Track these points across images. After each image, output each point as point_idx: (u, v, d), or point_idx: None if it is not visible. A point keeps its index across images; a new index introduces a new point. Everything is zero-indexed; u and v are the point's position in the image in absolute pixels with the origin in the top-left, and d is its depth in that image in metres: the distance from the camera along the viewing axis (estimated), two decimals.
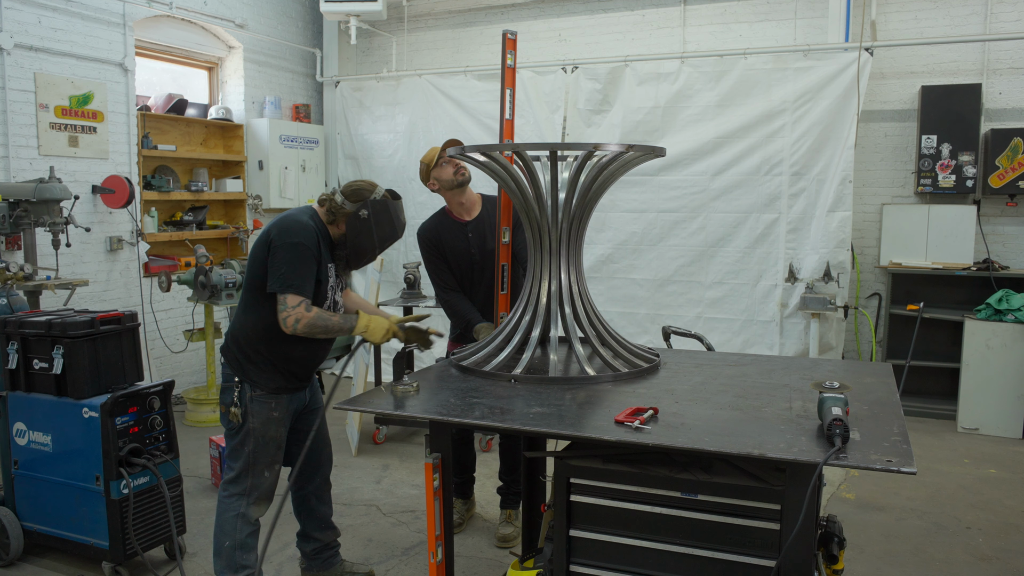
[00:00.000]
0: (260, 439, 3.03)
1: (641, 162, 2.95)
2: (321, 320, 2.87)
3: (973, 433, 5.62)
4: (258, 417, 3.01)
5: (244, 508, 3.05)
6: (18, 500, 3.59)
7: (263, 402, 3.02)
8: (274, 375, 3.02)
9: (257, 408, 3.01)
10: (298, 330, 2.85)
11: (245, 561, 3.05)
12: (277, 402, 3.04)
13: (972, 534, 3.95)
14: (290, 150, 7.38)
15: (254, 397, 3.01)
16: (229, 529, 3.04)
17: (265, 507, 3.11)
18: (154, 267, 6.21)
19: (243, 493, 3.05)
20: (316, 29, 8.02)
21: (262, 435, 3.03)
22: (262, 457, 3.04)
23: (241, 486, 3.05)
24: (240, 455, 3.03)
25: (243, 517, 3.05)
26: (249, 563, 3.06)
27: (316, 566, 3.39)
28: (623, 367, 2.81)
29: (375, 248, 3.07)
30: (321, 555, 3.39)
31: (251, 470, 3.04)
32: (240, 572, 3.05)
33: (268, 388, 3.02)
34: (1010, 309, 5.51)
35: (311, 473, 3.33)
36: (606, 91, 6.67)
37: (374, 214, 3.01)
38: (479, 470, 4.27)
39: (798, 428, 2.16)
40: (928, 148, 6.04)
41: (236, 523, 3.04)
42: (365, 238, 3.03)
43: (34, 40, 5.35)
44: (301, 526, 3.39)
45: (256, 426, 3.02)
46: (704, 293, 6.48)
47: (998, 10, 6.00)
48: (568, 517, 2.32)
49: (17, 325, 3.48)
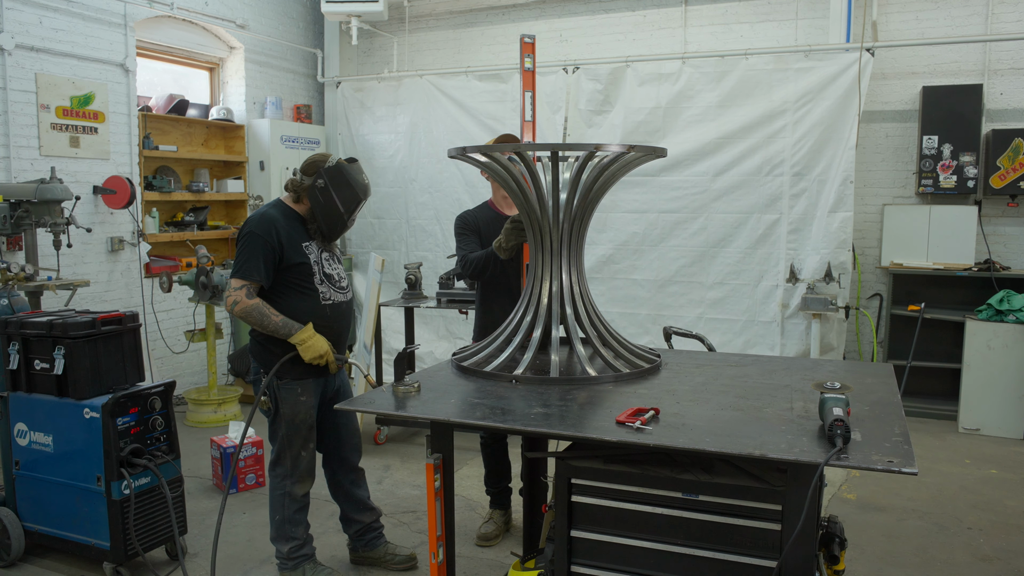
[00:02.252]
0: (291, 423, 3.23)
1: (642, 163, 2.95)
2: (258, 311, 3.08)
3: (974, 434, 5.62)
4: (287, 403, 3.22)
5: (289, 487, 3.29)
6: (19, 501, 3.59)
7: (290, 389, 3.21)
8: (295, 362, 3.17)
9: (285, 395, 3.22)
10: (235, 312, 3.09)
11: (293, 533, 3.34)
12: (303, 387, 3.23)
13: (973, 535, 3.95)
14: (291, 151, 7.38)
15: (281, 385, 3.21)
16: (278, 505, 3.33)
17: (309, 483, 3.34)
18: (155, 268, 6.21)
19: (286, 474, 3.29)
20: (317, 30, 8.02)
21: (292, 419, 3.23)
22: (296, 439, 3.26)
23: (283, 467, 3.29)
24: (276, 439, 3.28)
25: (289, 495, 3.30)
26: (297, 535, 3.34)
27: (361, 546, 3.61)
28: (624, 367, 2.81)
29: (341, 213, 3.20)
30: (365, 536, 3.59)
31: (288, 452, 3.27)
32: (290, 543, 3.33)
33: (292, 375, 3.19)
34: (1011, 310, 5.51)
35: (342, 459, 3.53)
36: (607, 91, 6.67)
37: (330, 180, 3.17)
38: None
39: (799, 429, 2.16)
40: (929, 149, 6.04)
41: (283, 500, 3.31)
42: (329, 206, 3.17)
43: (35, 41, 5.35)
44: (341, 510, 3.61)
45: (286, 411, 3.22)
46: (705, 294, 6.48)
47: (999, 10, 5.99)
48: (569, 517, 2.32)
49: (18, 326, 3.48)
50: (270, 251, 3.09)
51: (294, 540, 3.34)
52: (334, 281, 3.28)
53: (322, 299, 3.23)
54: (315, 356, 3.12)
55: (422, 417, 2.41)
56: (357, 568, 3.61)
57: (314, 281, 3.19)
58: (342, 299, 3.32)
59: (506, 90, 7.01)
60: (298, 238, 3.17)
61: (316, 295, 3.21)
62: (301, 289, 3.18)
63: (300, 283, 3.18)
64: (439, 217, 7.36)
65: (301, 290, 3.18)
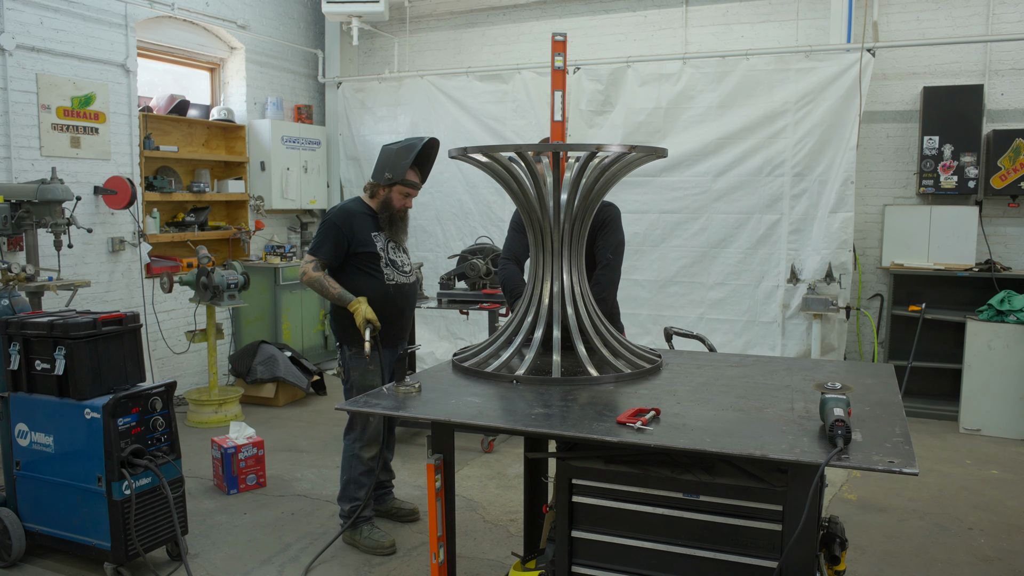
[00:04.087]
0: (360, 388, 3.67)
1: (643, 163, 2.95)
2: (319, 283, 3.65)
3: (975, 434, 5.62)
4: (357, 371, 3.71)
5: (357, 450, 3.73)
6: (20, 501, 3.59)
7: (360, 358, 3.67)
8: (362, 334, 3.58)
9: (355, 363, 3.71)
10: (303, 280, 3.69)
11: (356, 495, 3.75)
12: (371, 356, 3.62)
13: (974, 535, 3.94)
14: (292, 151, 7.38)
15: (352, 355, 3.71)
16: (346, 467, 3.77)
17: (375, 449, 3.75)
18: (156, 268, 6.21)
19: (356, 437, 3.73)
20: (318, 30, 8.02)
21: (361, 386, 3.67)
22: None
23: (354, 431, 3.75)
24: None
25: (357, 458, 3.74)
26: (359, 496, 3.74)
27: (373, 500, 3.94)
28: (625, 368, 2.81)
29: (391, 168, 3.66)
30: (377, 491, 4.02)
31: (358, 417, 3.70)
32: (351, 503, 3.75)
33: (361, 346, 3.59)
34: (1012, 310, 5.51)
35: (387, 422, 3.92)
36: (608, 92, 6.67)
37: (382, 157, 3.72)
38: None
39: (800, 429, 2.16)
40: (930, 149, 6.03)
41: (352, 462, 3.75)
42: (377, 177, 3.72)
43: (36, 41, 5.36)
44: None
45: (356, 378, 3.71)
46: (706, 294, 6.48)
47: (1000, 11, 5.99)
48: (570, 518, 2.32)
49: (19, 326, 3.48)
50: (341, 237, 3.66)
51: (356, 501, 3.73)
52: (398, 266, 3.81)
53: (386, 280, 3.75)
54: (359, 321, 3.56)
55: (423, 418, 2.41)
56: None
57: (380, 264, 3.73)
58: (405, 281, 3.84)
59: (507, 90, 7.01)
60: (368, 229, 3.73)
61: (382, 276, 3.74)
62: (369, 272, 3.72)
63: (368, 267, 3.72)
64: (440, 217, 7.36)
65: (369, 272, 3.72)
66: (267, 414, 6.19)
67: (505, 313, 4.58)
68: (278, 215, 7.61)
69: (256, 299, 6.91)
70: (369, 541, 3.72)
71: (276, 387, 6.43)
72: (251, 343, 6.64)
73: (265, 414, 6.18)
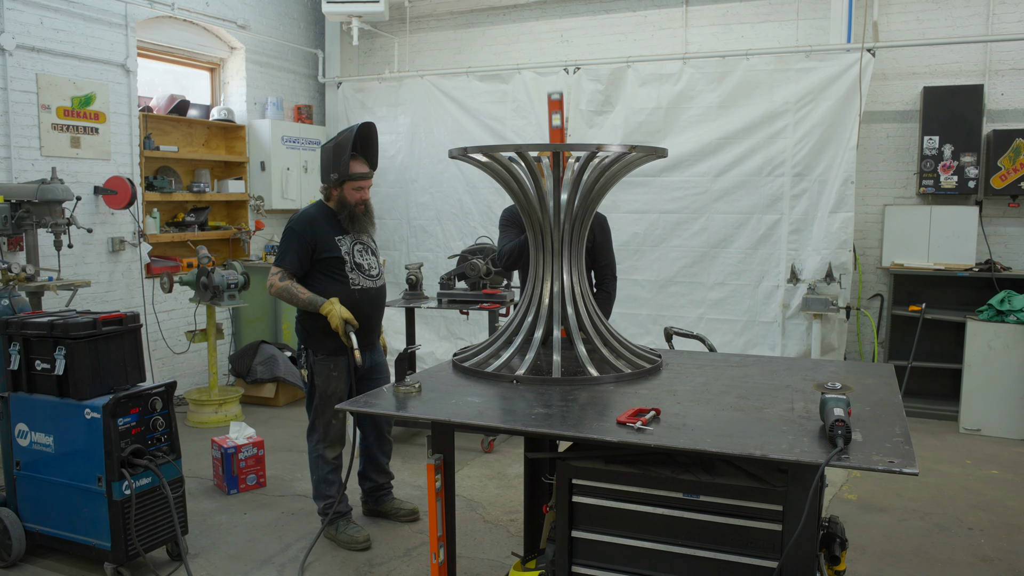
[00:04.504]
0: (323, 393, 3.72)
1: (643, 163, 2.95)
2: (287, 291, 3.63)
3: (975, 434, 5.62)
4: (320, 375, 3.71)
5: (321, 450, 3.77)
6: (20, 501, 3.59)
7: (323, 363, 3.70)
8: (328, 340, 3.64)
9: (319, 368, 3.71)
10: (271, 292, 3.67)
11: (327, 492, 3.80)
12: (335, 363, 3.69)
13: (974, 535, 3.94)
14: (292, 151, 7.38)
15: (316, 360, 3.72)
16: (313, 467, 3.83)
17: (339, 448, 3.82)
18: (156, 268, 6.21)
19: (319, 439, 3.78)
20: (318, 30, 8.02)
21: (324, 390, 3.72)
22: (327, 408, 3.72)
23: (316, 433, 3.79)
24: (311, 407, 3.78)
25: (321, 458, 3.78)
26: (331, 493, 3.79)
27: (372, 501, 4.13)
28: (625, 368, 2.81)
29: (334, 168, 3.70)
30: (375, 493, 4.11)
31: (320, 419, 3.76)
32: (324, 500, 3.81)
33: (326, 351, 3.67)
34: (1012, 310, 5.51)
35: (376, 426, 4.01)
36: (608, 92, 6.67)
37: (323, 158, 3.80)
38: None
39: (800, 429, 2.16)
40: (930, 149, 6.03)
41: (318, 462, 3.79)
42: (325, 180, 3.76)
43: (36, 41, 5.36)
44: (362, 468, 4.09)
45: (319, 383, 3.72)
46: (706, 294, 6.47)
47: (1000, 11, 5.99)
48: (570, 518, 2.32)
49: (19, 326, 3.48)
50: (305, 245, 3.63)
51: (328, 498, 3.78)
52: (364, 270, 3.75)
53: (352, 285, 3.70)
54: (334, 324, 3.55)
55: (423, 417, 2.41)
56: (368, 519, 4.12)
57: (345, 269, 3.68)
58: (371, 286, 3.78)
59: (507, 90, 7.01)
60: (331, 233, 3.69)
61: (347, 281, 3.69)
62: (334, 276, 3.68)
63: (333, 272, 3.68)
64: (440, 217, 7.36)
65: (334, 277, 3.68)
66: (267, 414, 6.19)
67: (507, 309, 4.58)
68: (278, 215, 7.61)
69: (256, 299, 6.90)
70: (344, 536, 3.78)
71: (276, 387, 6.43)
72: (251, 343, 6.64)
73: (265, 414, 6.18)
